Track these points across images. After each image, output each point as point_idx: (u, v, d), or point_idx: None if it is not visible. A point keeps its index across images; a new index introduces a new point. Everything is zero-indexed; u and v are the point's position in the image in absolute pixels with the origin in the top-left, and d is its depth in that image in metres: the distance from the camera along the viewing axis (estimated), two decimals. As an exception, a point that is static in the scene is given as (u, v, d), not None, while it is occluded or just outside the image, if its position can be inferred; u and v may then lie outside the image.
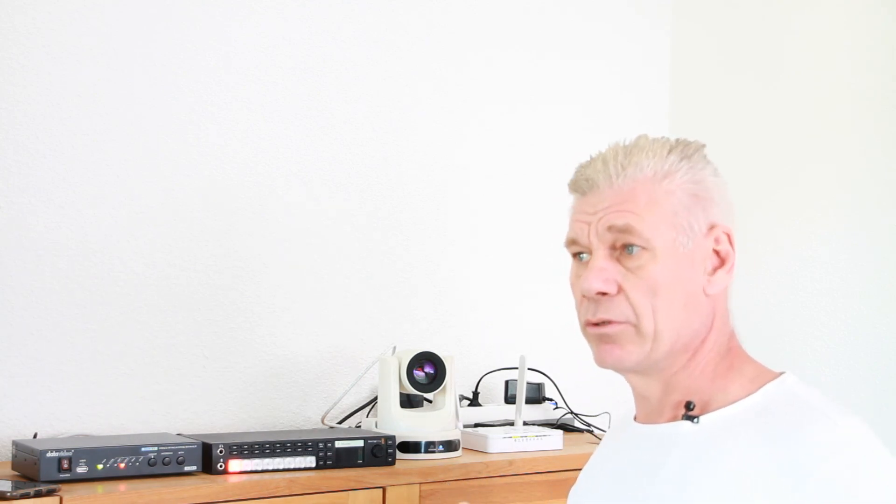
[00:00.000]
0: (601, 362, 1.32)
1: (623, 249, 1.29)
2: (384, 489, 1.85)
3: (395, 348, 2.17)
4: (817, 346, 2.51)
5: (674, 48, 2.88)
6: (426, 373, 2.06)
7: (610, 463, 1.41)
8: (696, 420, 1.28)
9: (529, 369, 2.29)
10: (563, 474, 1.97)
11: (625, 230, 1.28)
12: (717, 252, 1.31)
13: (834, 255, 2.50)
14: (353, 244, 2.35)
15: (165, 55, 2.13)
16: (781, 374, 1.32)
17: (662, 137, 1.35)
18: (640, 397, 1.38)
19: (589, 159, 1.35)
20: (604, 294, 1.28)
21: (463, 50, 2.53)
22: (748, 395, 1.28)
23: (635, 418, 1.40)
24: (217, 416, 2.16)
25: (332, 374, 2.30)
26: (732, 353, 1.33)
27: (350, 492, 1.82)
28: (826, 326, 2.50)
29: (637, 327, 1.28)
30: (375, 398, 2.19)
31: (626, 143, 1.34)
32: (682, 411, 1.29)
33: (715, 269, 1.30)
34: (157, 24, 2.12)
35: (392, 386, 2.05)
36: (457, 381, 2.20)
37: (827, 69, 2.55)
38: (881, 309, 2.42)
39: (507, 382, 2.42)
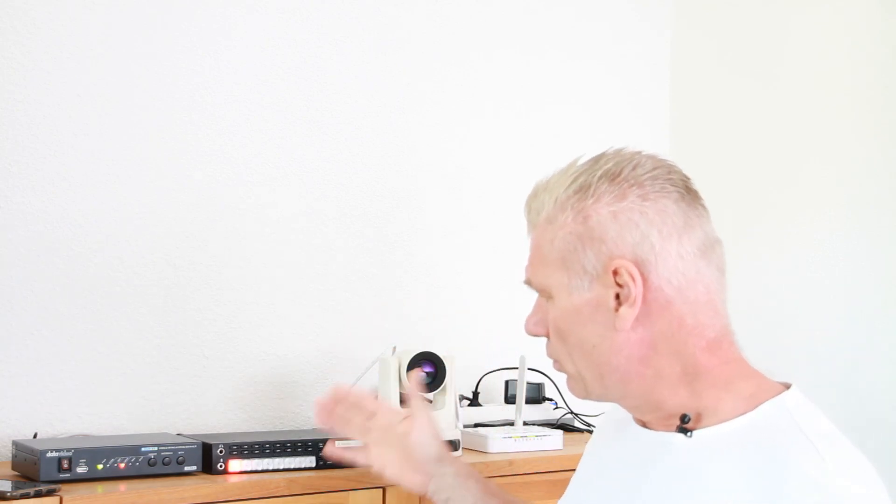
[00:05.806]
0: None
1: None
2: (384, 489, 1.85)
3: (395, 348, 2.17)
4: (817, 346, 2.51)
5: (674, 49, 2.88)
6: (426, 373, 2.06)
7: (608, 464, 1.39)
8: (689, 434, 1.24)
9: (529, 369, 2.29)
10: (563, 474, 1.95)
11: (528, 284, 1.33)
12: (620, 285, 1.22)
13: (834, 255, 2.50)
14: (353, 244, 2.35)
15: (165, 55, 2.13)
16: (783, 390, 1.25)
17: (579, 164, 1.30)
18: None
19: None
20: (538, 335, 1.31)
21: (463, 50, 2.53)
22: (743, 413, 1.22)
23: (635, 420, 1.37)
24: (217, 416, 2.16)
25: (332, 374, 2.30)
26: (722, 370, 1.25)
27: (350, 492, 1.82)
28: (826, 326, 2.50)
29: (563, 366, 1.30)
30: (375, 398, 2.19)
31: (547, 177, 1.33)
32: (677, 423, 1.25)
33: (620, 305, 1.22)
34: (157, 24, 2.12)
35: (392, 386, 2.04)
36: (457, 381, 2.19)
37: (826, 69, 2.55)
38: (881, 309, 2.42)
39: (507, 382, 2.42)
